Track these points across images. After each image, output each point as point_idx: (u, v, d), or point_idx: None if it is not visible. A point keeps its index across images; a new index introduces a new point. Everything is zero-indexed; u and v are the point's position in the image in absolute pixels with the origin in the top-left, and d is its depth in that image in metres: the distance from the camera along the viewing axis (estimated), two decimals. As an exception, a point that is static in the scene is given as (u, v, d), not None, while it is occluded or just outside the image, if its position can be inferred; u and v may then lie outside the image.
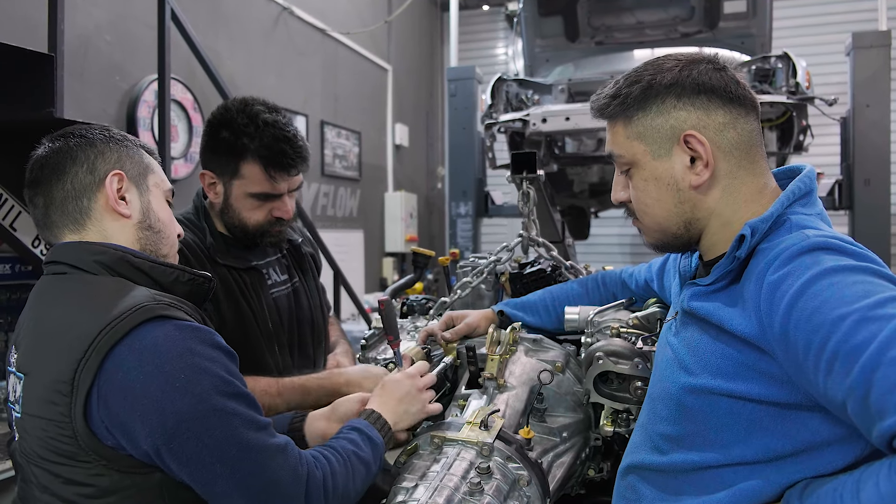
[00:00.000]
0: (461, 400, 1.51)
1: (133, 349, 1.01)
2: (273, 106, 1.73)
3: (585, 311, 1.57)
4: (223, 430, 1.03)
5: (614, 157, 1.18)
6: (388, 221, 7.96)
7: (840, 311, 0.87)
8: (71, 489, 1.03)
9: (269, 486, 1.06)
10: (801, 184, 1.10)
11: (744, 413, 1.01)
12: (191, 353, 1.03)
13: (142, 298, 1.06)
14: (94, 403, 1.00)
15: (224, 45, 5.15)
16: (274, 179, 1.66)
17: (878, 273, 0.92)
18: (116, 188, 1.19)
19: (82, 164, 1.18)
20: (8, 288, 3.20)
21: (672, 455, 1.11)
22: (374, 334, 1.81)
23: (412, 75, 8.79)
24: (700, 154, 1.08)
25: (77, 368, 1.00)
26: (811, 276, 0.92)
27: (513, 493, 1.26)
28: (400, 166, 8.39)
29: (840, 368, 0.85)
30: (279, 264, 1.89)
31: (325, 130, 6.64)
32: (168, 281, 1.18)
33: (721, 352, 1.04)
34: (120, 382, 0.99)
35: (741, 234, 1.03)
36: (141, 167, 1.25)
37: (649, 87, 1.10)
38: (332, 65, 6.82)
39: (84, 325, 1.03)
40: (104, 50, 4.04)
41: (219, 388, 1.04)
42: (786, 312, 0.93)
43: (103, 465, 1.02)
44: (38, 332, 1.11)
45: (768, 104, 3.90)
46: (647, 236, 1.21)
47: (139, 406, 0.99)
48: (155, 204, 1.26)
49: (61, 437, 1.01)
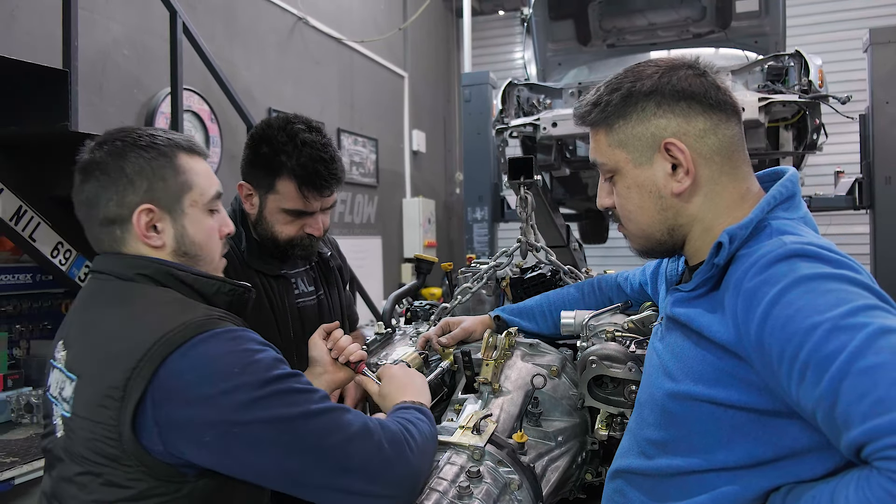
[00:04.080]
0: (457, 405, 1.52)
1: (186, 357, 1.06)
2: (315, 126, 1.77)
3: (581, 315, 1.58)
4: (284, 404, 1.07)
5: (597, 164, 1.19)
6: (407, 227, 8.00)
7: (812, 320, 0.87)
8: (109, 490, 1.07)
9: (344, 444, 1.08)
10: (783, 188, 1.10)
11: (725, 419, 1.01)
12: (241, 351, 1.09)
13: (195, 313, 1.12)
14: (146, 410, 1.04)
15: (240, 56, 5.24)
16: (306, 198, 1.71)
17: (853, 281, 0.91)
18: (145, 222, 1.20)
19: (112, 196, 1.19)
20: (29, 297, 3.28)
21: (658, 460, 1.11)
22: (376, 340, 1.83)
23: (429, 82, 8.83)
24: (681, 161, 1.09)
25: (129, 377, 1.04)
26: (786, 285, 0.92)
27: (503, 496, 1.27)
28: (418, 172, 8.43)
29: (811, 378, 0.86)
30: (307, 275, 1.95)
31: (342, 138, 6.70)
32: (211, 292, 1.22)
33: (702, 358, 1.04)
34: (174, 387, 1.04)
35: (718, 242, 1.04)
36: (175, 189, 1.23)
37: (629, 95, 1.11)
38: (348, 73, 6.88)
39: (137, 337, 1.08)
40: (122, 64, 4.13)
41: (272, 372, 1.09)
42: (761, 321, 0.93)
43: (143, 470, 1.06)
44: (91, 337, 1.16)
45: (781, 103, 3.86)
46: (632, 242, 1.21)
47: (196, 404, 1.04)
48: (191, 227, 1.25)
49: (107, 440, 1.05)
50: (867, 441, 0.80)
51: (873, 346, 0.82)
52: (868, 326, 0.84)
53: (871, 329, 0.83)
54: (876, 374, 0.80)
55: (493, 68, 7.32)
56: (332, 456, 1.08)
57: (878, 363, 0.80)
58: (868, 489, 0.81)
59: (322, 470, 1.08)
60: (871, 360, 0.81)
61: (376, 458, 1.11)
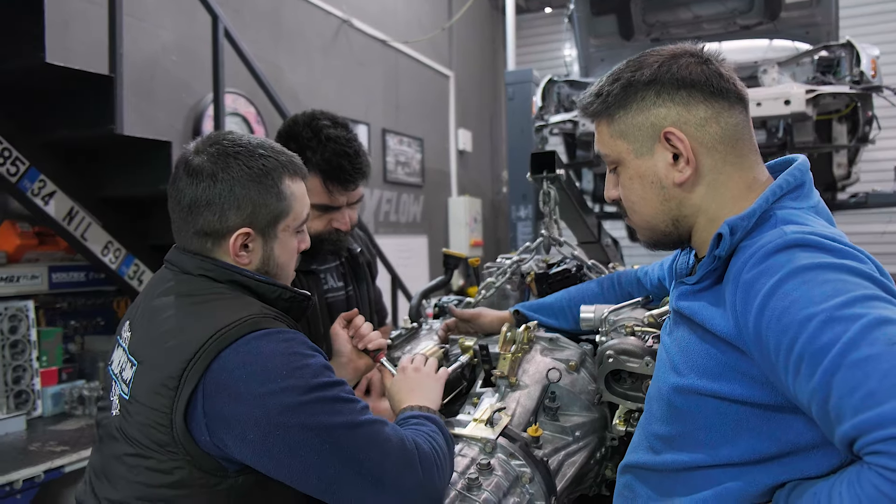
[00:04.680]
0: (475, 398, 1.53)
1: (238, 352, 1.09)
2: (341, 121, 1.80)
3: (600, 309, 1.56)
4: (328, 412, 1.08)
5: (601, 156, 1.18)
6: (453, 226, 8.02)
7: (807, 312, 0.85)
8: (153, 474, 1.11)
9: (381, 458, 1.09)
10: (791, 177, 1.07)
11: (730, 414, 0.99)
12: (291, 354, 1.11)
13: (250, 311, 1.15)
14: (197, 401, 1.08)
15: (285, 59, 5.34)
16: (332, 193, 1.74)
17: (854, 271, 0.89)
18: (240, 244, 1.23)
19: (215, 211, 1.21)
20: (83, 294, 3.42)
21: (664, 455, 1.10)
22: (401, 335, 1.85)
23: (475, 81, 8.84)
24: (681, 151, 1.07)
25: (186, 368, 1.08)
26: (783, 275, 0.90)
27: (513, 489, 1.27)
28: (464, 171, 8.45)
29: (805, 371, 0.84)
30: (336, 271, 1.98)
31: (387, 138, 6.76)
32: (272, 297, 1.25)
33: (706, 352, 1.03)
34: (225, 382, 1.07)
35: (718, 233, 1.02)
36: (274, 214, 1.25)
37: (629, 85, 1.09)
38: (393, 73, 6.95)
39: (196, 330, 1.12)
40: (171, 69, 4.27)
41: (319, 378, 1.10)
42: (758, 313, 0.91)
43: (187, 459, 1.09)
44: (154, 325, 1.20)
45: (830, 95, 3.73)
46: (639, 234, 1.20)
47: (243, 401, 1.06)
48: (278, 249, 1.28)
49: (159, 426, 1.10)
50: (858, 435, 0.78)
51: (868, 337, 0.79)
52: (864, 317, 0.81)
53: (866, 320, 0.81)
54: (868, 366, 0.78)
55: (539, 66, 7.28)
56: (369, 469, 1.09)
57: (872, 355, 0.78)
58: (859, 486, 0.79)
59: (357, 481, 1.09)
60: (865, 351, 0.79)
61: (409, 475, 1.11)
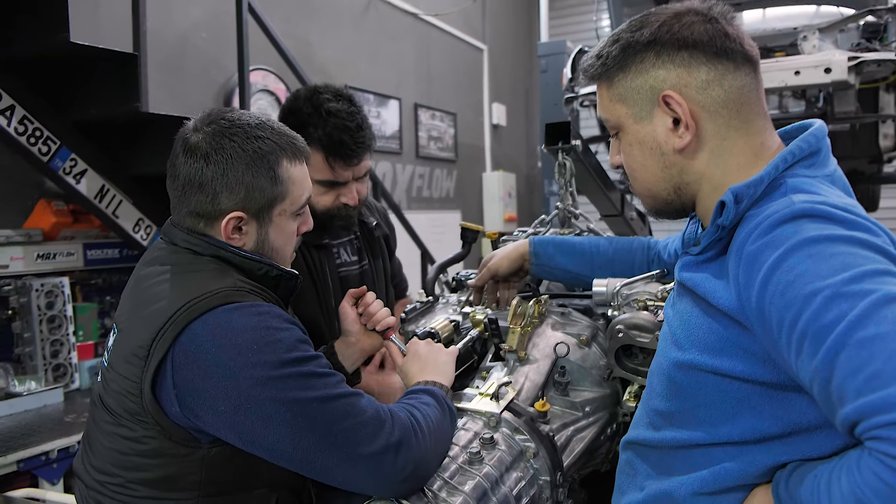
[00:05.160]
0: (484, 372, 1.51)
1: (207, 325, 1.09)
2: (345, 94, 1.77)
3: (613, 283, 1.53)
4: (300, 387, 1.08)
5: (603, 121, 1.14)
6: (487, 201, 7.97)
7: (813, 286, 0.80)
8: (127, 443, 1.13)
9: (354, 429, 1.09)
10: (804, 143, 1.01)
11: (731, 391, 0.96)
12: (264, 328, 1.10)
13: (223, 284, 1.14)
14: (167, 372, 1.08)
15: (315, 35, 5.33)
16: (335, 168, 1.72)
17: (866, 244, 0.83)
18: (232, 227, 1.21)
19: (207, 193, 1.19)
20: (118, 270, 3.50)
21: (664, 432, 1.07)
22: (415, 308, 1.84)
23: (509, 54, 8.71)
24: (680, 115, 1.02)
25: (155, 338, 1.08)
26: (788, 247, 0.85)
27: (517, 464, 1.26)
28: (498, 146, 8.37)
29: (808, 349, 0.79)
30: (350, 245, 1.96)
31: (419, 113, 6.73)
32: (258, 274, 1.23)
33: (708, 326, 0.98)
34: (194, 353, 1.07)
35: (721, 201, 0.97)
36: (269, 199, 1.22)
37: (628, 46, 1.05)
38: (425, 47, 6.88)
39: (169, 300, 1.12)
40: (200, 46, 4.30)
41: (291, 353, 1.09)
42: (761, 287, 0.86)
43: (158, 429, 1.10)
44: (134, 294, 1.22)
45: (876, 62, 3.55)
46: (642, 202, 1.16)
47: (213, 373, 1.06)
48: (274, 233, 1.26)
49: (130, 395, 1.11)
50: (859, 418, 0.73)
51: (876, 315, 0.74)
52: (873, 293, 0.76)
53: (875, 296, 0.76)
54: (874, 345, 0.73)
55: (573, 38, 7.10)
56: (343, 440, 1.09)
57: (879, 334, 0.73)
58: (858, 473, 0.75)
59: (331, 452, 1.08)
60: (872, 330, 0.74)
61: (384, 444, 1.10)
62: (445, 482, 1.17)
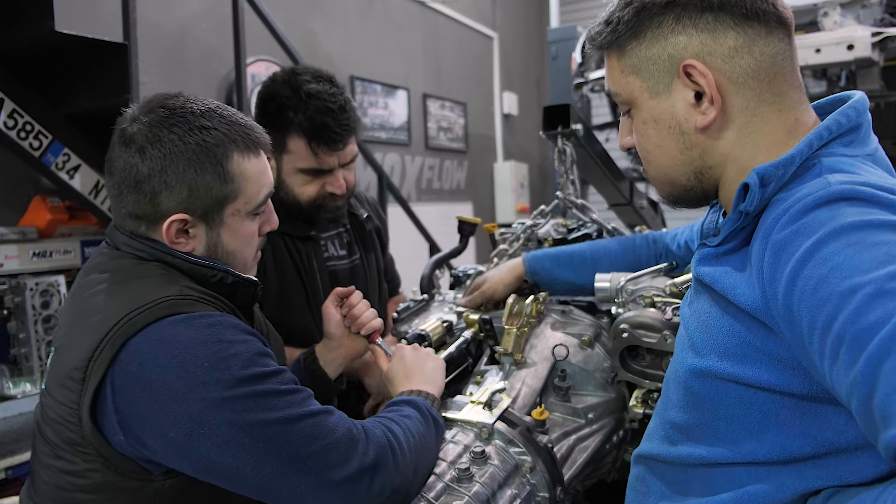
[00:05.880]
0: (478, 376, 1.40)
1: (149, 341, 0.96)
2: (325, 75, 1.67)
3: (617, 277, 1.40)
4: (260, 408, 0.95)
5: (612, 95, 1.01)
6: (499, 192, 7.83)
7: (852, 282, 0.67)
8: (67, 477, 1.00)
9: (324, 452, 0.97)
10: (843, 117, 0.87)
11: (755, 404, 0.82)
12: (215, 342, 0.97)
13: (166, 293, 1.01)
14: (106, 396, 0.95)
15: (320, 24, 5.22)
16: (319, 155, 1.61)
17: None
18: (176, 230, 1.08)
19: (145, 193, 1.05)
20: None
21: (680, 447, 0.95)
22: (408, 307, 1.73)
23: (520, 41, 8.54)
24: (704, 88, 0.88)
25: (91, 357, 0.96)
26: (823, 235, 0.72)
27: (511, 480, 1.15)
28: (510, 136, 8.22)
29: (846, 356, 0.65)
30: (340, 238, 1.86)
31: (428, 103, 6.60)
32: (212, 282, 1.09)
33: (729, 328, 0.85)
34: (136, 374, 0.95)
35: (744, 183, 0.84)
36: (217, 199, 1.08)
37: (643, 9, 0.91)
38: (433, 37, 6.74)
39: (107, 312, 0.99)
40: (202, 37, 4.21)
41: (249, 370, 0.97)
42: (790, 281, 0.73)
43: (101, 461, 0.98)
44: (73, 307, 1.09)
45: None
46: (657, 189, 1.03)
47: (159, 396, 0.94)
48: (227, 236, 1.12)
49: (68, 423, 0.98)
50: None
51: None
52: None
53: None
54: None
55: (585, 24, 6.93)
56: (312, 465, 0.97)
57: None
58: None
59: (297, 479, 0.96)
60: None
61: (358, 468, 0.99)
62: (430, 503, 1.06)
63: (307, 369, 1.40)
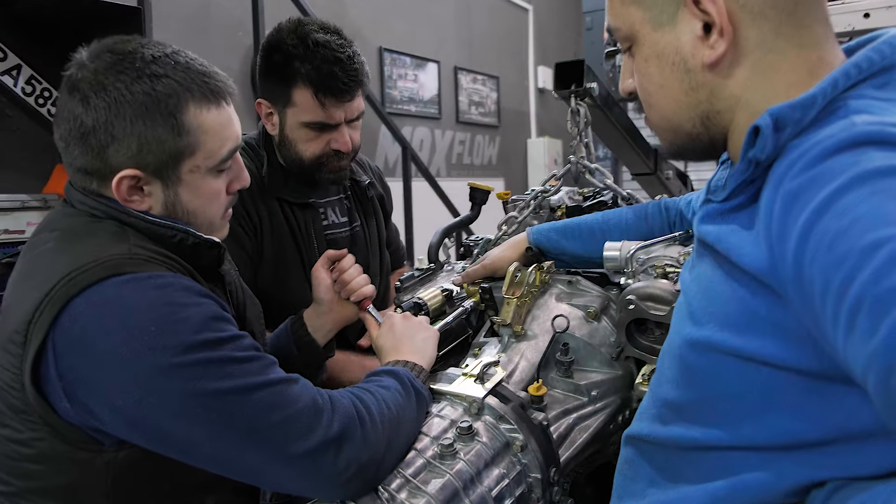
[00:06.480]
0: (476, 349, 1.32)
1: (92, 303, 0.89)
2: (331, 27, 1.60)
3: (628, 246, 1.30)
4: (213, 376, 0.89)
5: (612, 31, 0.90)
6: (531, 168, 7.69)
7: (874, 236, 0.56)
8: (13, 446, 0.95)
9: (284, 424, 0.91)
10: (876, 53, 0.74)
11: (757, 380, 0.72)
12: (165, 304, 0.90)
13: (113, 251, 0.93)
14: (48, 360, 0.89)
15: (348, -7, 5.13)
16: (325, 107, 1.54)
17: None
18: (127, 187, 0.99)
19: (91, 146, 0.97)
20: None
21: (672, 427, 0.85)
22: (412, 276, 1.65)
23: (555, 14, 8.32)
24: (713, 17, 0.76)
25: (31, 320, 0.89)
26: (844, 182, 0.60)
27: (500, 458, 1.06)
28: (544, 111, 8.04)
29: (864, 324, 0.55)
30: (340, 205, 1.80)
31: (459, 77, 6.48)
32: (172, 242, 1.02)
33: (731, 293, 0.74)
34: (78, 338, 0.88)
35: (755, 126, 0.72)
36: (171, 153, 0.99)
37: None
38: (465, 8, 6.60)
39: (49, 271, 0.92)
40: (225, 6, 4.16)
41: (201, 335, 0.90)
42: (801, 236, 0.62)
43: (48, 430, 0.92)
44: (20, 268, 1.02)
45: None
46: (659, 137, 0.91)
47: (104, 362, 0.88)
48: (186, 194, 1.03)
49: (11, 389, 0.93)
50: None
51: None
52: None
53: None
54: None
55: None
56: (271, 437, 0.90)
57: None
58: None
59: (256, 452, 0.90)
60: None
61: (321, 440, 0.92)
62: (407, 480, 0.98)
63: (294, 335, 1.34)
